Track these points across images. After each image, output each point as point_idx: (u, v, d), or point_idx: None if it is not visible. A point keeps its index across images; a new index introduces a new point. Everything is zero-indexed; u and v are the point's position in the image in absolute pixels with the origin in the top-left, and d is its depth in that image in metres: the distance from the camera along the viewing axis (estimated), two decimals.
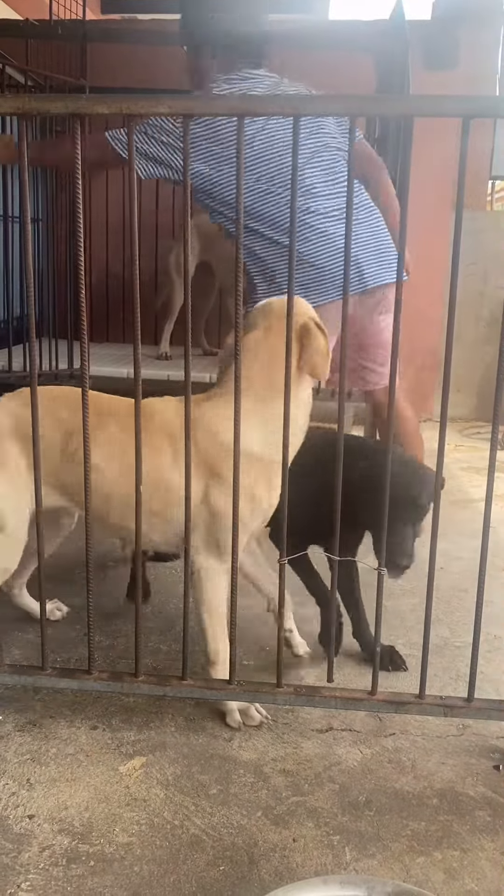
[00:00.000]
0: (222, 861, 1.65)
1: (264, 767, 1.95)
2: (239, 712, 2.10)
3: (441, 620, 2.67)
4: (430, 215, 5.03)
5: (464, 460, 4.86)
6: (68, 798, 1.81)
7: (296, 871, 1.63)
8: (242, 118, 1.74)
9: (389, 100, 1.83)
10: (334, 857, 1.67)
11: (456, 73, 5.75)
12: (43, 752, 1.97)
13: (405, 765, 1.98)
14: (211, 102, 1.76)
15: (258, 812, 1.80)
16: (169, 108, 1.71)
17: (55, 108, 1.73)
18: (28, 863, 1.63)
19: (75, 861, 1.64)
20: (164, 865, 1.63)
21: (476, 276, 6.01)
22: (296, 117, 1.76)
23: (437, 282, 5.35)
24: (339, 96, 1.75)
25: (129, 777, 1.89)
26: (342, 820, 1.78)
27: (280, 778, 1.91)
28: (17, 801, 1.80)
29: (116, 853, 1.66)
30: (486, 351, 6.04)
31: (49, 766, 1.92)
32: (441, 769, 1.97)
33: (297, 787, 1.88)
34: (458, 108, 1.69)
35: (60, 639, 2.44)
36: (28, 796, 1.82)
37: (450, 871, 1.65)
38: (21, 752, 1.96)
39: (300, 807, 1.82)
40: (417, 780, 1.92)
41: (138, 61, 5.59)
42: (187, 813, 1.79)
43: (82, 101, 1.71)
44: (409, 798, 1.86)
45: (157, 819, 1.76)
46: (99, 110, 1.71)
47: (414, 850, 1.70)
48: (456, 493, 4.06)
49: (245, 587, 2.27)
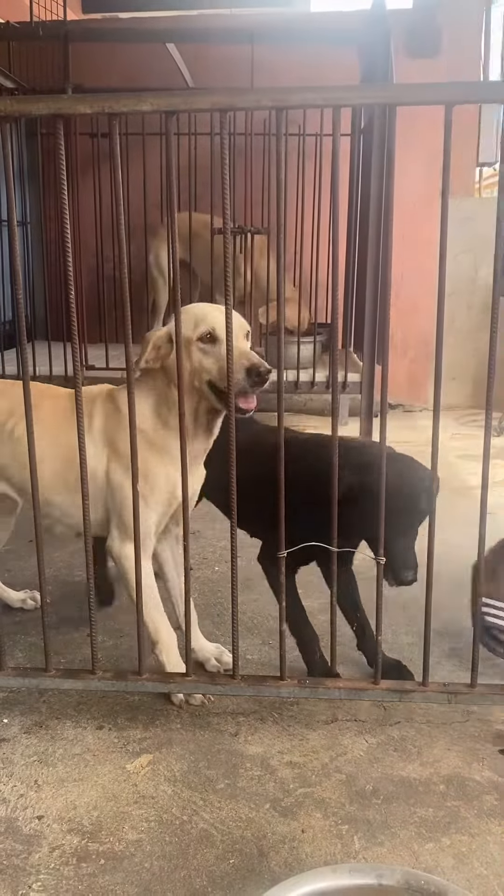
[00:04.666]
0: (232, 854, 1.66)
1: (271, 760, 1.95)
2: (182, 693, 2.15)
3: (443, 608, 2.66)
4: (419, 204, 5.04)
5: (461, 448, 4.87)
6: (76, 798, 1.82)
7: (305, 861, 1.63)
8: (226, 112, 1.75)
9: (372, 89, 1.83)
10: (343, 847, 1.68)
11: (439, 61, 5.76)
12: (50, 753, 1.98)
13: (411, 752, 1.99)
14: (193, 98, 1.76)
15: (266, 804, 1.80)
16: (151, 105, 1.71)
17: (37, 110, 1.73)
18: (39, 863, 1.63)
19: (85, 860, 1.64)
20: (174, 861, 1.64)
21: (467, 263, 6.02)
22: (280, 110, 1.76)
23: (428, 271, 5.35)
24: (321, 88, 1.75)
25: (137, 775, 1.90)
26: (350, 809, 1.79)
27: (287, 770, 1.92)
28: (26, 802, 1.81)
29: (126, 850, 1.67)
30: (480, 338, 6.04)
31: (56, 767, 1.92)
32: (447, 755, 1.97)
33: (304, 779, 1.89)
34: (440, 96, 1.69)
35: (64, 640, 2.45)
36: (36, 797, 1.82)
37: (459, 856, 1.66)
38: (28, 754, 1.97)
39: (308, 798, 1.83)
40: (424, 767, 1.93)
41: (122, 60, 5.59)
42: (196, 808, 1.79)
43: (64, 102, 1.71)
44: (416, 785, 1.87)
45: (166, 815, 1.77)
46: (81, 110, 1.72)
47: (422, 836, 1.71)
48: (454, 481, 4.06)
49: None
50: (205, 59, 5.40)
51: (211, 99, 1.74)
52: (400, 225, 4.15)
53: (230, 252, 1.84)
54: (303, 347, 4.68)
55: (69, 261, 1.85)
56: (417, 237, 5.13)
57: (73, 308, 1.87)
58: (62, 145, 1.75)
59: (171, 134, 1.79)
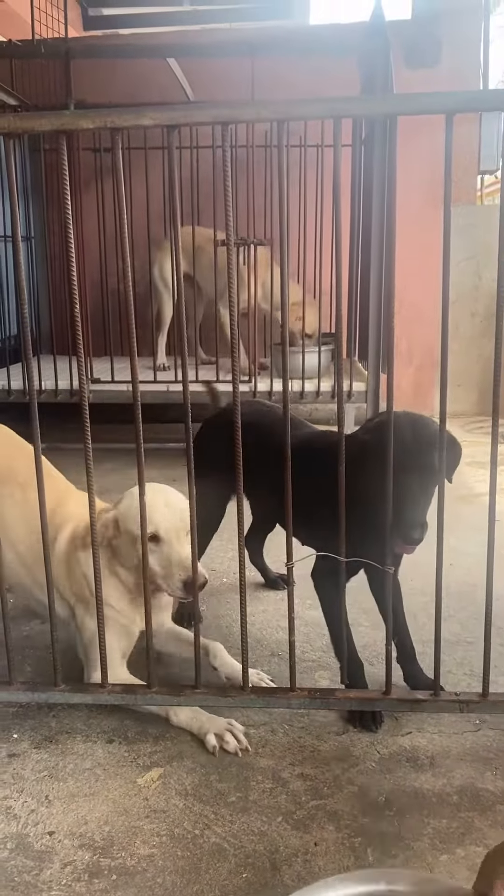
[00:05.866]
0: (244, 868, 1.64)
1: (282, 773, 1.94)
2: (215, 736, 2.04)
3: (452, 617, 2.66)
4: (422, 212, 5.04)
5: (468, 455, 4.78)
6: (87, 813, 1.81)
7: (318, 874, 1.62)
8: (227, 125, 1.76)
9: (373, 100, 1.84)
10: (356, 860, 1.66)
11: (439, 70, 5.78)
12: (60, 767, 1.97)
13: (423, 763, 1.97)
14: (194, 112, 1.77)
15: (278, 817, 1.79)
16: (153, 120, 1.72)
17: (41, 126, 1.74)
18: (50, 879, 1.62)
19: (97, 875, 1.63)
20: (187, 875, 1.63)
21: (469, 271, 6.02)
22: (281, 122, 1.77)
23: (432, 279, 5.35)
24: (322, 99, 1.76)
25: (148, 789, 1.89)
26: (363, 822, 1.78)
27: (299, 782, 1.91)
28: (37, 818, 1.80)
29: (138, 865, 1.66)
30: (484, 345, 6.04)
31: (67, 782, 1.91)
32: (459, 765, 1.96)
33: (317, 791, 1.88)
34: (440, 105, 1.69)
35: (73, 655, 2.44)
36: (47, 813, 1.82)
37: (474, 867, 1.63)
38: (38, 769, 1.96)
39: (320, 810, 1.81)
40: (436, 778, 1.92)
41: (123, 76, 5.63)
42: (207, 822, 1.78)
43: (67, 118, 1.72)
44: (429, 796, 1.86)
45: (178, 829, 1.76)
46: (84, 125, 1.73)
47: (436, 847, 1.69)
48: (461, 488, 4.05)
49: None
50: (205, 74, 5.43)
51: (212, 112, 1.75)
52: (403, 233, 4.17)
53: (234, 263, 1.84)
54: (308, 357, 4.68)
55: (73, 275, 1.85)
56: (421, 245, 5.14)
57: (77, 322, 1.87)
58: (65, 160, 1.76)
59: (174, 148, 1.80)
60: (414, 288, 5.57)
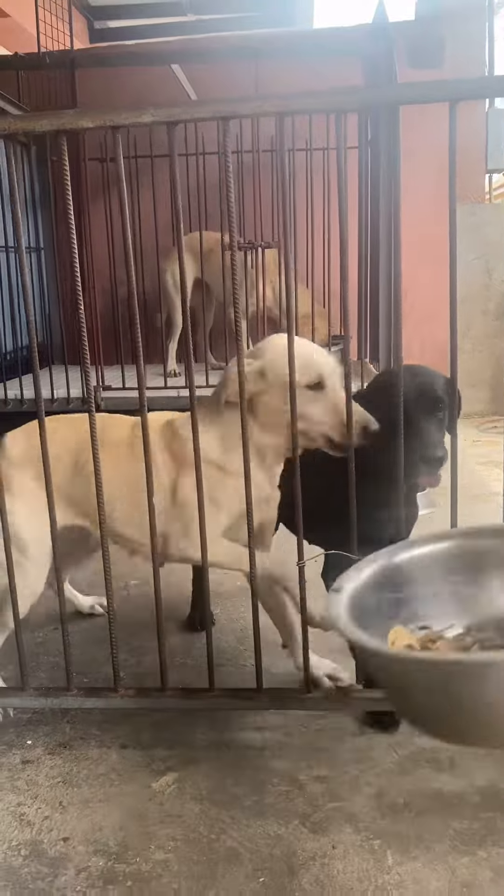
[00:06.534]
0: (261, 873, 1.61)
1: (299, 775, 1.91)
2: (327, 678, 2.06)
3: None
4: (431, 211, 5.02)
5: (483, 455, 4.81)
6: (102, 818, 1.79)
7: (336, 878, 1.59)
8: (227, 121, 1.74)
9: (374, 91, 1.82)
10: (376, 862, 1.63)
11: (444, 71, 5.76)
12: (74, 773, 1.95)
13: (443, 763, 1.93)
14: (195, 108, 1.76)
15: (295, 821, 1.76)
16: (153, 116, 1.71)
17: (41, 127, 1.74)
18: (65, 886, 1.60)
19: (112, 882, 1.61)
20: (203, 881, 1.60)
21: (480, 269, 5.99)
22: (282, 116, 1.76)
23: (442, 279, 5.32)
24: (323, 92, 1.75)
25: (163, 794, 1.86)
26: (382, 824, 1.74)
27: (315, 785, 1.87)
28: (51, 824, 1.78)
29: (154, 871, 1.63)
30: (496, 344, 6.00)
31: (81, 788, 1.89)
32: (480, 765, 1.92)
33: (334, 793, 1.84)
34: (442, 92, 1.67)
35: (85, 660, 2.42)
36: (61, 819, 1.79)
37: (497, 868, 1.60)
38: (52, 775, 1.94)
39: (338, 812, 1.78)
40: (457, 779, 1.88)
41: (129, 86, 5.65)
42: (223, 826, 1.75)
43: (67, 117, 1.71)
44: (450, 797, 1.82)
45: (193, 834, 1.73)
46: (84, 124, 1.72)
47: (458, 849, 1.66)
48: (476, 487, 4.00)
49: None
50: (210, 81, 5.44)
51: (212, 108, 1.74)
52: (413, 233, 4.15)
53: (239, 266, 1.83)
54: None
55: (78, 284, 1.84)
56: (431, 244, 5.11)
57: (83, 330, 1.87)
58: (66, 163, 1.75)
59: (175, 147, 1.79)
60: (424, 288, 5.54)
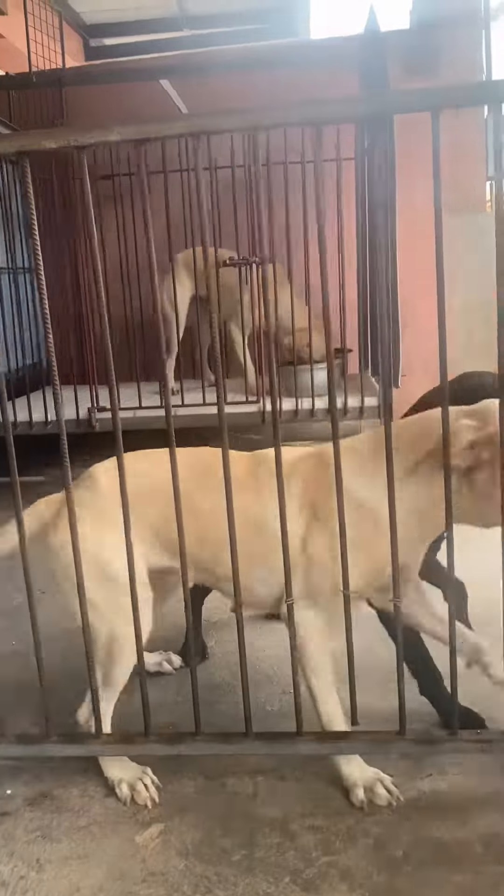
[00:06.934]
0: None
1: (291, 824, 1.80)
2: (364, 789, 1.86)
3: None
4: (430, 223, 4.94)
5: None
6: (81, 879, 1.68)
7: None
8: (199, 137, 1.66)
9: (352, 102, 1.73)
10: None
11: (439, 79, 5.67)
12: (54, 826, 1.84)
13: (444, 809, 1.82)
14: (165, 125, 1.67)
15: (286, 877, 1.65)
16: (120, 135, 1.63)
17: (2, 148, 1.66)
18: None
19: None
20: None
21: (483, 279, 5.86)
22: (255, 131, 1.67)
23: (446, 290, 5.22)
24: (297, 104, 1.65)
25: (146, 848, 1.76)
26: (378, 880, 1.63)
27: (309, 836, 1.76)
28: (27, 884, 1.68)
29: None
30: None
31: (60, 843, 1.79)
32: (484, 811, 1.80)
33: (328, 845, 1.73)
34: (424, 102, 1.58)
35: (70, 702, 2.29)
36: (37, 879, 1.69)
37: None
38: (30, 829, 1.84)
39: (332, 867, 1.67)
40: (459, 827, 1.76)
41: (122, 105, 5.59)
42: (209, 884, 1.64)
43: (28, 138, 1.63)
44: (451, 847, 1.70)
45: (177, 894, 1.62)
46: (47, 145, 1.64)
47: None
48: None
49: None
50: (204, 96, 5.38)
51: (182, 124, 1.65)
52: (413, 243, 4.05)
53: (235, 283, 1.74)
54: (317, 374, 4.55)
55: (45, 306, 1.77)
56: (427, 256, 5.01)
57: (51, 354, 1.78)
58: (29, 182, 1.67)
59: (145, 166, 1.72)
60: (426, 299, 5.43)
